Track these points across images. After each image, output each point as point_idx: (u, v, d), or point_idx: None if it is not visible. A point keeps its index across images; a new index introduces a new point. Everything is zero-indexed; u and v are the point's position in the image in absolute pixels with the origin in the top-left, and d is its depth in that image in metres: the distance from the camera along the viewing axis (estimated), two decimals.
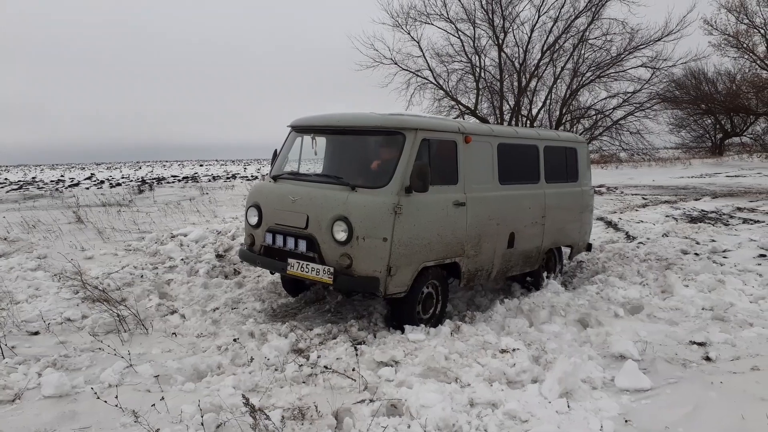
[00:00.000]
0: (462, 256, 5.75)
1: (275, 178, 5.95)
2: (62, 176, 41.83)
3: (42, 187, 26.17)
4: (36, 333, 5.12)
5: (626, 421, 3.79)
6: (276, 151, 6.36)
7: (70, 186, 27.17)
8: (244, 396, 3.65)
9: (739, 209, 13.09)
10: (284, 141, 6.30)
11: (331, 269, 5.07)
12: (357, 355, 4.64)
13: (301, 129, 6.10)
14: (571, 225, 7.49)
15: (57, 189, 23.97)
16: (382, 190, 5.09)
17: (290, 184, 5.73)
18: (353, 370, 4.37)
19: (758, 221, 11.19)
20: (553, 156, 7.14)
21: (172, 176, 37.83)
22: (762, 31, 34.66)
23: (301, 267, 5.26)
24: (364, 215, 4.98)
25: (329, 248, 5.15)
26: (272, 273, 6.72)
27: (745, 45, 35.22)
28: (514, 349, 4.75)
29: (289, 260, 5.35)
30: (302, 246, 5.34)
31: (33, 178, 40.52)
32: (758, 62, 35.93)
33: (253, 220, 5.82)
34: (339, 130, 5.76)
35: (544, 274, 7.09)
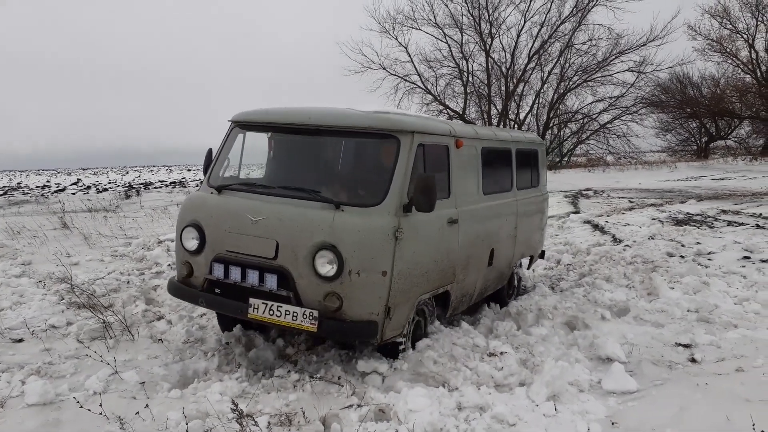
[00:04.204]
0: (453, 282, 4.99)
1: (220, 189, 4.67)
2: (48, 182, 41.42)
3: (27, 193, 25.90)
4: (20, 340, 5.05)
5: (613, 423, 3.81)
6: (211, 151, 5.04)
7: (56, 191, 26.91)
8: (233, 401, 3.63)
9: (724, 212, 13.23)
10: (224, 139, 5.03)
11: (315, 313, 3.99)
12: (344, 360, 4.62)
13: (251, 126, 4.93)
14: (535, 233, 7.04)
15: (42, 195, 23.74)
16: (377, 208, 4.13)
17: (243, 197, 4.50)
18: (339, 378, 4.35)
19: (742, 223, 11.30)
20: (522, 160, 6.52)
21: (160, 181, 37.62)
22: (745, 36, 35.21)
23: (270, 310, 4.11)
24: (357, 243, 3.99)
25: (309, 285, 4.08)
26: (226, 326, 5.24)
27: (728, 50, 35.72)
28: (502, 353, 4.77)
29: (251, 300, 4.18)
30: (271, 282, 4.18)
31: (18, 183, 40.08)
32: (741, 66, 36.48)
33: (192, 244, 4.51)
34: (311, 130, 4.56)
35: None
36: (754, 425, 3.58)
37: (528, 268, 7.42)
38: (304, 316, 4.02)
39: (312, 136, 4.69)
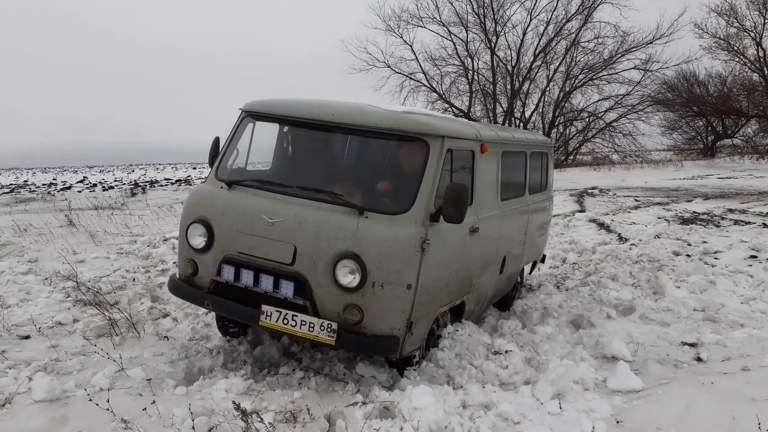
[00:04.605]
0: (469, 293, 4.83)
1: (230, 184, 4.41)
2: (54, 179, 41.61)
3: (34, 191, 26.03)
4: (27, 337, 5.08)
5: (618, 422, 3.81)
6: (218, 140, 4.73)
7: (62, 189, 27.04)
8: (234, 402, 3.64)
9: (731, 211, 13.17)
10: (233, 129, 4.72)
11: (334, 325, 3.80)
12: (349, 357, 4.63)
13: (265, 117, 4.65)
14: (541, 238, 6.88)
15: (49, 192, 23.85)
16: (404, 217, 3.91)
17: (257, 195, 4.23)
18: (344, 374, 4.36)
19: (749, 222, 11.25)
20: (534, 163, 6.35)
21: (165, 179, 37.70)
22: (752, 34, 34.99)
23: (284, 318, 3.90)
24: (383, 253, 3.78)
25: (328, 295, 3.88)
26: (225, 331, 5.05)
27: (735, 48, 35.53)
28: (507, 351, 4.77)
29: (264, 307, 3.96)
30: (287, 289, 3.98)
31: (25, 181, 40.27)
32: (748, 65, 36.26)
33: (199, 242, 4.26)
34: (332, 128, 4.34)
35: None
36: (759, 424, 3.57)
37: (530, 272, 7.38)
38: (322, 328, 3.82)
39: (334, 133, 4.50)
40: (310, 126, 4.48)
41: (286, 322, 3.91)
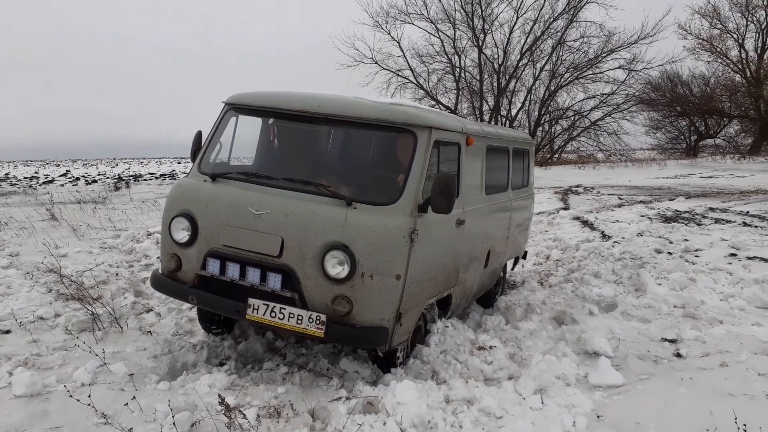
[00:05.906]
0: (456, 285, 4.84)
1: (214, 177, 4.36)
2: (36, 173, 41.04)
3: (15, 184, 25.66)
4: (7, 332, 5.02)
5: (598, 416, 3.86)
6: (200, 134, 4.66)
7: (44, 183, 26.69)
8: (219, 396, 3.63)
9: (712, 209, 13.35)
10: (216, 122, 4.66)
11: (323, 317, 3.77)
12: (334, 353, 4.63)
13: (249, 110, 4.61)
14: (522, 234, 6.97)
15: (31, 186, 23.53)
16: (392, 207, 3.90)
17: (242, 188, 4.19)
18: (328, 369, 4.37)
19: (730, 221, 11.42)
20: (517, 159, 6.42)
21: (150, 173, 37.36)
22: (735, 35, 35.47)
23: (271, 311, 3.84)
24: (372, 244, 3.76)
25: (316, 287, 3.85)
26: (209, 331, 5.03)
27: (718, 49, 35.98)
28: (491, 347, 4.81)
29: (251, 300, 3.91)
30: (274, 281, 3.93)
31: (6, 174, 39.68)
32: (731, 66, 36.74)
33: (182, 235, 4.21)
34: (319, 119, 4.28)
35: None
36: (736, 419, 3.63)
37: (512, 269, 7.43)
38: (310, 320, 3.76)
39: (320, 125, 4.48)
40: (295, 118, 4.43)
41: (273, 315, 3.85)
